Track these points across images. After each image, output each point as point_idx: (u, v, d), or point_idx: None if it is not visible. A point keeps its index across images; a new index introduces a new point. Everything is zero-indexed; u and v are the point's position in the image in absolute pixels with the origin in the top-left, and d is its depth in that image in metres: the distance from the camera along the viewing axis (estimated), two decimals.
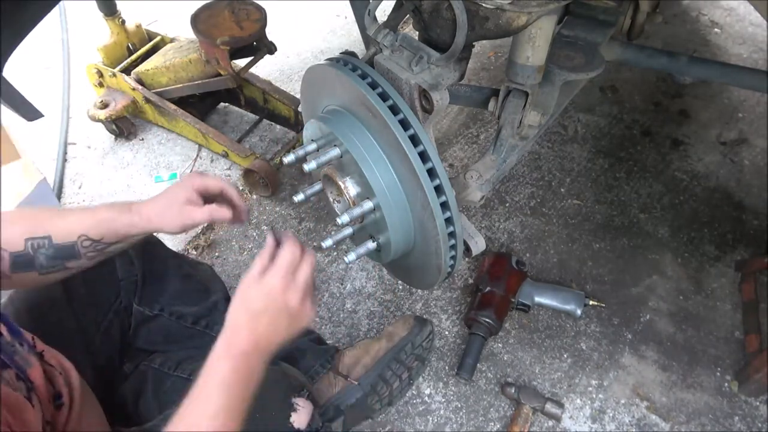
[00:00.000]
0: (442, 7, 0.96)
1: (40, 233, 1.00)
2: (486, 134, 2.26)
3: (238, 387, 0.87)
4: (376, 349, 1.46)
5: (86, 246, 1.03)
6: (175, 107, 2.14)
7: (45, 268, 1.01)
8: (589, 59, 1.36)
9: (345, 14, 2.88)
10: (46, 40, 2.72)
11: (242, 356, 0.88)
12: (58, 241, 1.01)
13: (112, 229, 1.04)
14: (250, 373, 0.89)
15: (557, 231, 1.95)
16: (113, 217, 1.04)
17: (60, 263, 1.03)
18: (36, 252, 0.99)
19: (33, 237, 0.99)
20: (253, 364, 0.90)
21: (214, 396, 0.85)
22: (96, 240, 1.03)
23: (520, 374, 1.62)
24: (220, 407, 0.84)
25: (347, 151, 0.99)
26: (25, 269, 1.00)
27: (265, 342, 0.91)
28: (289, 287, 0.91)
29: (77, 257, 1.03)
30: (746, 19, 2.72)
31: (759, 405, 1.55)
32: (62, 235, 1.01)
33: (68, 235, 1.01)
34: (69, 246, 1.02)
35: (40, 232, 1.00)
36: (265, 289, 0.90)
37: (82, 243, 1.02)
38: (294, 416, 1.13)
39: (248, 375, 0.89)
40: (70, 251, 1.02)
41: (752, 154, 2.16)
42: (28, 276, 1.01)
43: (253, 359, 0.90)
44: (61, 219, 1.03)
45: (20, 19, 1.26)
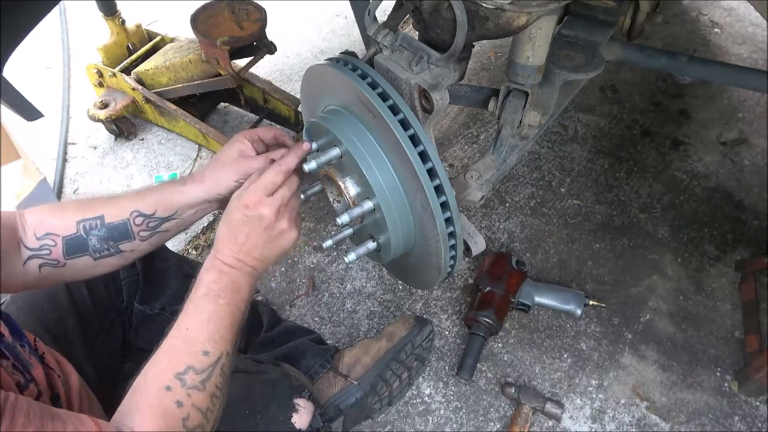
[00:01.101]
0: (442, 7, 0.96)
1: (91, 214, 0.99)
2: (486, 134, 2.26)
3: (224, 296, 0.89)
4: (376, 349, 1.46)
5: (139, 223, 1.01)
6: (175, 107, 2.14)
7: (98, 251, 1.00)
8: (589, 59, 1.36)
9: (345, 14, 2.88)
10: (46, 40, 2.72)
11: (225, 267, 0.91)
12: (110, 221, 1.00)
13: (164, 200, 1.02)
14: (234, 285, 0.91)
15: (557, 231, 1.95)
16: (165, 188, 1.03)
17: (114, 246, 1.01)
18: (88, 234, 0.98)
19: (85, 218, 0.99)
20: (236, 277, 0.92)
21: (201, 305, 0.89)
22: (148, 215, 1.01)
23: (520, 374, 1.62)
24: (209, 314, 0.88)
25: (347, 151, 0.99)
26: (78, 253, 0.99)
27: (246, 256, 0.92)
28: (264, 202, 0.91)
29: (130, 237, 1.01)
30: (746, 19, 2.72)
31: (759, 405, 1.55)
32: (114, 213, 1.00)
33: (120, 213, 1.00)
34: (121, 224, 1.00)
35: (92, 213, 0.99)
36: (242, 202, 0.92)
37: (134, 220, 1.01)
38: (295, 417, 1.14)
39: (232, 286, 0.91)
40: (122, 230, 1.00)
41: (752, 154, 2.16)
42: (83, 262, 1.00)
43: (236, 273, 0.92)
44: (114, 199, 1.02)
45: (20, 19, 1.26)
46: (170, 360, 0.85)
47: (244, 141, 1.02)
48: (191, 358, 0.85)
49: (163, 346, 0.86)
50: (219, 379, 0.86)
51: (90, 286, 1.18)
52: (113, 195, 1.05)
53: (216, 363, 0.86)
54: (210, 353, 0.86)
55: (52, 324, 1.12)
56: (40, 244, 0.97)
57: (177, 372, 0.83)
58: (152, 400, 0.81)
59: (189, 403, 0.82)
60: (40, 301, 1.13)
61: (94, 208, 1.00)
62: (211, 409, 0.85)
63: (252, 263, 0.93)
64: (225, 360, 0.88)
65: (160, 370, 0.84)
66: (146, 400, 0.81)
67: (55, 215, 0.99)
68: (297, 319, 1.76)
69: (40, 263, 0.97)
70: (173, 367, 0.83)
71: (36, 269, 0.97)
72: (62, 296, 1.14)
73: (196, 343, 0.86)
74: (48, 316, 1.12)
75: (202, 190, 1.02)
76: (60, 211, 1.00)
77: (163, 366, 0.84)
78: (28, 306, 1.12)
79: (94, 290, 1.19)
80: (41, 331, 1.09)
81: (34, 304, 1.12)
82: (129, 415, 0.80)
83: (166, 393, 0.81)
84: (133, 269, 1.24)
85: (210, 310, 0.88)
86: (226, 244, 0.92)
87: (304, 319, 1.76)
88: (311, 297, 1.82)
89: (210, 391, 0.84)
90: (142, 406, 0.80)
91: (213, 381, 0.85)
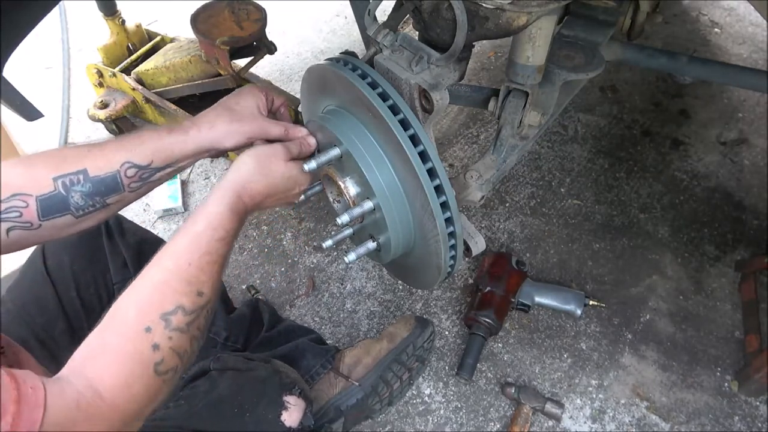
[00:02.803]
0: (442, 7, 0.96)
1: (71, 169, 0.86)
2: (486, 134, 2.26)
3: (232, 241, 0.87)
4: (378, 350, 1.46)
5: (131, 175, 0.90)
6: (175, 107, 2.14)
7: (82, 209, 0.88)
8: (589, 59, 1.36)
9: (345, 14, 2.88)
10: (46, 40, 2.72)
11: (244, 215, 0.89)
12: (95, 174, 0.87)
13: (161, 149, 0.91)
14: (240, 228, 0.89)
15: (557, 231, 1.95)
16: (162, 136, 0.92)
17: (99, 200, 0.89)
18: (69, 191, 0.85)
19: (63, 174, 0.85)
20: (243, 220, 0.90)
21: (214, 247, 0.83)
22: (143, 166, 0.90)
23: (520, 374, 1.62)
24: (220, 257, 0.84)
25: (347, 151, 0.99)
26: (58, 213, 0.86)
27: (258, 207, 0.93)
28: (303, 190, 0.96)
29: (119, 190, 0.90)
30: (746, 19, 2.72)
31: (759, 405, 1.55)
32: (100, 165, 0.88)
33: (108, 165, 0.88)
34: (110, 177, 0.88)
35: (71, 167, 0.86)
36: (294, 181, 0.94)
37: (126, 172, 0.89)
38: (285, 414, 1.10)
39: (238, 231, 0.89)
40: (111, 183, 0.88)
41: (752, 154, 2.16)
42: (63, 221, 0.87)
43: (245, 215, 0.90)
44: (98, 149, 0.89)
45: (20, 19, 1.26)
46: (160, 296, 0.77)
47: (262, 97, 0.99)
48: (185, 297, 0.77)
49: (154, 279, 0.78)
50: (203, 322, 0.81)
51: (80, 289, 1.16)
52: (94, 143, 0.92)
53: (205, 305, 0.81)
54: (204, 294, 0.80)
55: (40, 328, 1.10)
56: (6, 206, 0.83)
57: (164, 311, 0.75)
58: (125, 343, 0.72)
59: (167, 346, 0.74)
60: (28, 305, 1.11)
61: (74, 161, 0.87)
62: (189, 351, 0.78)
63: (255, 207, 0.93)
64: (213, 303, 0.83)
65: (143, 307, 0.76)
66: (117, 343, 0.72)
67: (22, 171, 0.85)
68: (297, 319, 1.76)
69: (9, 227, 0.84)
70: (162, 305, 0.76)
71: (3, 234, 0.84)
72: (51, 300, 1.12)
73: (197, 282, 0.79)
74: (36, 321, 1.10)
75: (209, 139, 0.94)
76: (28, 166, 0.86)
77: (150, 301, 0.76)
78: (16, 309, 1.10)
79: (85, 294, 1.17)
80: (28, 336, 1.07)
81: (22, 308, 1.10)
82: (91, 359, 0.71)
83: (144, 335, 0.73)
84: (126, 271, 1.22)
85: (220, 253, 0.83)
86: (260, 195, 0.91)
87: (304, 319, 1.76)
88: (311, 297, 1.82)
89: (192, 333, 0.78)
90: (109, 349, 0.72)
91: (197, 323, 0.79)
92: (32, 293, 1.12)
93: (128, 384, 0.71)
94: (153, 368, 0.73)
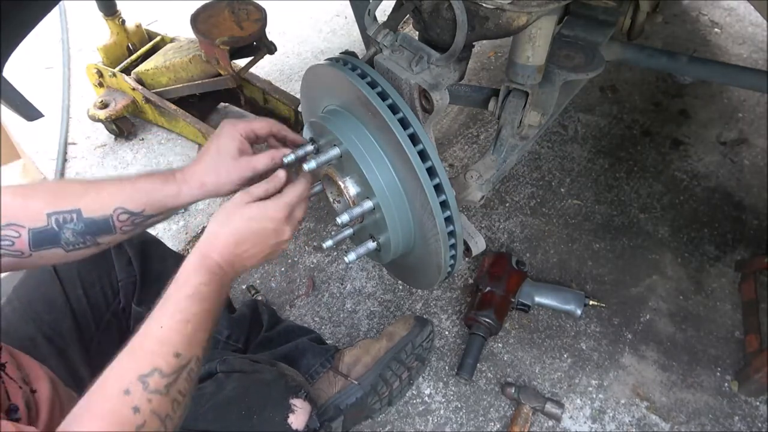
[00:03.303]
0: (442, 7, 0.96)
1: (65, 207, 0.90)
2: (486, 134, 2.26)
3: (210, 301, 0.85)
4: (377, 349, 1.46)
5: (123, 220, 0.93)
6: (175, 107, 2.14)
7: (72, 245, 0.92)
8: (589, 59, 1.36)
9: (345, 14, 2.88)
10: (46, 40, 2.72)
11: (217, 269, 0.87)
12: (89, 215, 0.91)
13: (155, 201, 0.95)
14: (221, 289, 0.87)
15: (557, 231, 1.95)
16: (156, 188, 0.95)
17: (90, 239, 0.93)
18: (61, 227, 0.89)
19: (57, 211, 0.89)
20: (225, 281, 0.88)
21: (184, 305, 0.82)
22: (136, 212, 0.94)
23: (520, 374, 1.62)
24: (191, 316, 0.82)
25: (347, 151, 0.99)
26: (48, 246, 0.90)
27: (240, 263, 0.90)
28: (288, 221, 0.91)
29: (111, 232, 0.94)
30: (746, 19, 2.72)
31: (759, 405, 1.55)
32: (94, 207, 0.91)
33: (102, 208, 0.92)
34: (102, 220, 0.92)
35: (67, 205, 0.90)
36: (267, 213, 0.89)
37: (118, 216, 0.93)
38: (291, 417, 1.12)
39: (219, 290, 0.87)
40: (103, 226, 0.92)
41: (752, 154, 2.16)
42: (52, 254, 0.91)
43: (226, 277, 0.88)
44: (94, 190, 0.92)
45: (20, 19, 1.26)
46: (135, 360, 0.78)
47: (242, 140, 0.98)
48: (159, 358, 0.78)
49: (130, 345, 0.79)
50: (184, 385, 0.80)
51: (86, 287, 1.17)
52: (90, 180, 0.96)
53: (185, 367, 0.80)
54: (182, 356, 0.80)
55: (48, 326, 1.11)
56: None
57: (140, 374, 0.76)
58: (106, 404, 0.74)
59: (147, 408, 0.75)
60: (35, 303, 1.12)
61: (69, 199, 0.91)
62: (171, 415, 0.78)
63: (241, 270, 0.91)
64: (194, 365, 0.82)
65: (121, 371, 0.77)
66: (99, 404, 0.74)
67: (19, 203, 0.89)
68: (297, 319, 1.76)
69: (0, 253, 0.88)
70: (137, 367, 0.77)
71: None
72: (58, 298, 1.13)
73: (169, 343, 0.79)
74: (43, 318, 1.11)
75: (201, 193, 0.97)
76: (24, 197, 0.90)
77: (126, 366, 0.77)
78: (23, 307, 1.11)
79: (91, 292, 1.18)
80: (36, 333, 1.08)
81: (29, 306, 1.11)
82: (78, 420, 0.73)
83: (123, 397, 0.74)
84: (131, 270, 1.23)
85: (192, 312, 0.82)
86: (228, 246, 0.88)
87: (304, 319, 1.76)
88: (311, 297, 1.82)
89: (173, 396, 0.78)
90: (93, 410, 0.74)
91: (178, 386, 0.78)
92: (40, 291, 1.13)
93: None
94: (136, 430, 0.73)
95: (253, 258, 0.91)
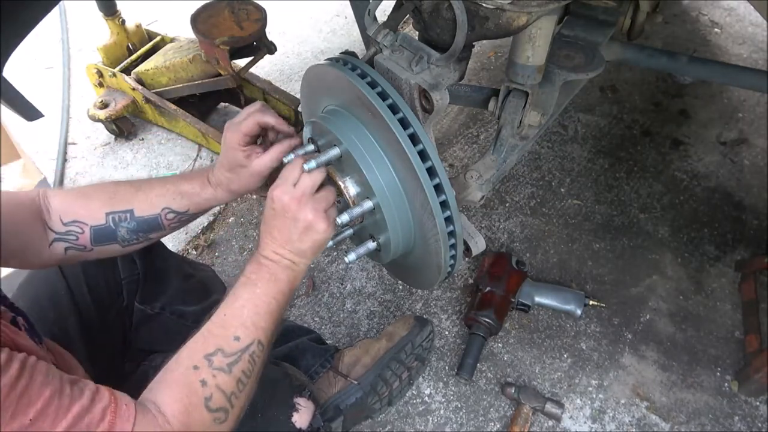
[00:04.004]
0: (442, 7, 0.96)
1: (121, 207, 1.03)
2: (486, 134, 2.26)
3: (261, 286, 0.92)
4: (377, 349, 1.46)
5: (170, 218, 1.07)
6: (175, 107, 2.14)
7: (127, 241, 1.05)
8: (589, 59, 1.36)
9: (345, 14, 2.88)
10: (46, 40, 2.72)
11: (263, 260, 0.94)
12: (140, 214, 1.04)
13: (197, 203, 1.08)
14: (271, 276, 0.93)
15: (557, 231, 1.95)
16: (196, 192, 1.07)
17: (143, 236, 1.07)
18: (117, 225, 1.03)
19: (114, 211, 1.02)
20: (274, 269, 0.93)
21: (239, 292, 0.91)
22: (181, 212, 1.07)
23: (520, 374, 1.62)
24: (245, 301, 0.90)
25: (347, 151, 0.99)
26: (106, 242, 1.03)
27: (282, 249, 0.94)
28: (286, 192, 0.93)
29: (161, 229, 1.07)
30: (746, 19, 2.72)
31: (759, 405, 1.55)
32: (144, 208, 1.04)
33: (151, 208, 1.04)
34: (152, 218, 1.05)
35: (121, 206, 1.03)
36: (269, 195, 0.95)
37: (165, 216, 1.06)
38: (296, 416, 1.14)
39: (269, 277, 0.93)
40: (153, 224, 1.06)
41: (752, 154, 2.16)
42: (110, 249, 1.05)
43: (274, 266, 0.94)
44: (143, 192, 1.05)
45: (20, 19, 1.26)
46: (203, 341, 0.87)
47: (243, 148, 1.04)
48: (222, 340, 0.87)
49: (201, 329, 0.89)
50: (247, 366, 0.88)
51: (90, 285, 1.18)
52: (138, 182, 1.08)
53: (245, 349, 0.88)
54: (241, 338, 0.88)
55: (52, 323, 1.12)
56: (66, 230, 1.00)
57: (206, 353, 0.85)
58: (178, 377, 0.84)
59: (213, 383, 0.84)
60: (40, 300, 1.13)
61: (124, 200, 1.04)
62: (236, 393, 0.86)
63: (289, 257, 0.94)
64: (256, 348, 0.89)
65: (191, 350, 0.87)
66: (173, 377, 0.84)
67: (82, 203, 1.02)
68: (297, 319, 1.76)
69: (66, 246, 1.01)
70: (204, 348, 0.86)
71: (62, 251, 1.01)
72: (63, 295, 1.14)
73: (230, 327, 0.88)
74: (48, 315, 1.12)
75: (232, 196, 1.09)
76: (86, 200, 1.03)
77: (195, 346, 0.87)
78: (28, 305, 1.12)
79: (95, 289, 1.19)
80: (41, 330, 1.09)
81: (35, 303, 1.12)
82: (154, 390, 0.83)
83: (192, 371, 0.84)
84: (134, 268, 1.24)
85: (246, 297, 0.91)
86: (264, 238, 0.95)
87: (304, 319, 1.76)
88: (311, 297, 1.82)
89: (236, 375, 0.86)
90: (168, 382, 0.84)
91: (240, 366, 0.87)
92: (45, 289, 1.14)
93: (187, 412, 0.81)
94: (204, 403, 0.83)
95: (288, 242, 0.94)
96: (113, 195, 1.04)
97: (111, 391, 0.77)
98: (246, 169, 1.04)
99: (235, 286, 0.93)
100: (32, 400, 0.68)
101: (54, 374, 0.73)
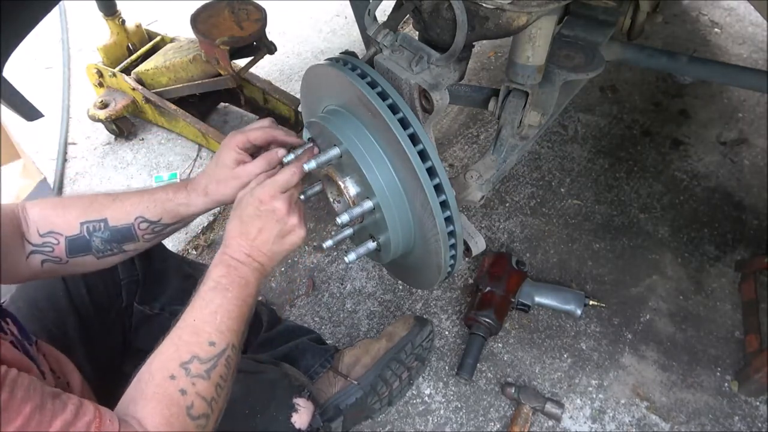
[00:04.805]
0: (442, 7, 0.96)
1: (95, 216, 1.01)
2: (486, 134, 2.26)
3: (232, 290, 0.90)
4: (376, 349, 1.46)
5: (143, 228, 1.04)
6: (175, 107, 2.14)
7: (101, 252, 1.03)
8: (589, 59, 1.36)
9: (345, 14, 2.88)
10: (46, 40, 2.72)
11: (233, 262, 0.92)
12: (114, 224, 1.02)
13: (170, 210, 1.05)
14: (241, 279, 0.92)
15: (557, 231, 1.95)
16: (169, 197, 1.05)
17: (117, 246, 1.04)
18: (91, 235, 1.01)
19: (88, 220, 1.01)
20: (244, 272, 0.92)
21: (209, 297, 0.90)
22: (153, 221, 1.05)
23: (520, 374, 1.62)
24: (217, 306, 0.89)
25: (347, 151, 0.99)
26: (81, 253, 1.02)
27: (255, 251, 0.94)
28: (278, 197, 0.93)
29: (134, 240, 1.05)
30: (746, 19, 2.72)
31: (759, 405, 1.55)
32: (118, 217, 1.02)
33: (124, 217, 1.03)
34: (125, 228, 1.03)
35: (95, 215, 1.01)
36: (256, 196, 0.94)
37: (138, 225, 1.03)
38: (295, 416, 1.14)
39: (240, 281, 0.92)
40: (126, 234, 1.03)
41: (752, 154, 2.16)
42: (85, 261, 1.03)
43: (244, 268, 0.93)
44: (119, 202, 1.04)
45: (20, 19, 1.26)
46: (176, 349, 0.85)
47: (238, 150, 1.03)
48: (196, 347, 0.85)
49: (169, 337, 0.87)
50: (224, 370, 0.87)
51: (89, 286, 1.18)
52: (116, 193, 1.06)
53: (221, 354, 0.87)
54: (216, 344, 0.87)
55: (51, 324, 1.12)
56: (42, 241, 0.98)
57: (182, 361, 0.84)
58: (155, 389, 0.82)
59: (193, 391, 0.83)
60: (39, 301, 1.12)
61: (98, 209, 1.02)
62: (216, 399, 0.85)
63: (260, 259, 0.94)
64: (230, 352, 0.88)
65: (164, 360, 0.85)
66: (150, 388, 0.82)
67: (59, 213, 1.00)
68: (297, 319, 1.76)
69: (43, 259, 0.99)
70: (178, 356, 0.84)
71: (38, 264, 1.00)
72: (61, 296, 1.14)
73: (202, 333, 0.87)
74: (47, 316, 1.12)
75: (208, 202, 1.05)
76: (63, 209, 1.01)
77: (168, 355, 0.85)
78: (27, 306, 1.12)
79: (94, 290, 1.19)
80: (40, 331, 1.09)
81: (34, 304, 1.12)
82: (133, 403, 0.81)
83: (170, 381, 0.82)
84: (133, 269, 1.24)
85: (217, 302, 0.89)
86: (236, 238, 0.93)
87: (304, 319, 1.76)
88: (311, 297, 1.82)
89: (214, 381, 0.85)
90: (146, 394, 0.81)
91: (218, 371, 0.86)
92: (44, 290, 1.14)
93: (169, 423, 0.80)
94: (186, 411, 0.81)
95: (265, 243, 0.94)
96: (89, 204, 1.03)
97: (96, 405, 0.76)
98: (229, 172, 1.03)
99: (203, 290, 0.90)
100: (11, 417, 0.67)
101: (36, 388, 0.71)
